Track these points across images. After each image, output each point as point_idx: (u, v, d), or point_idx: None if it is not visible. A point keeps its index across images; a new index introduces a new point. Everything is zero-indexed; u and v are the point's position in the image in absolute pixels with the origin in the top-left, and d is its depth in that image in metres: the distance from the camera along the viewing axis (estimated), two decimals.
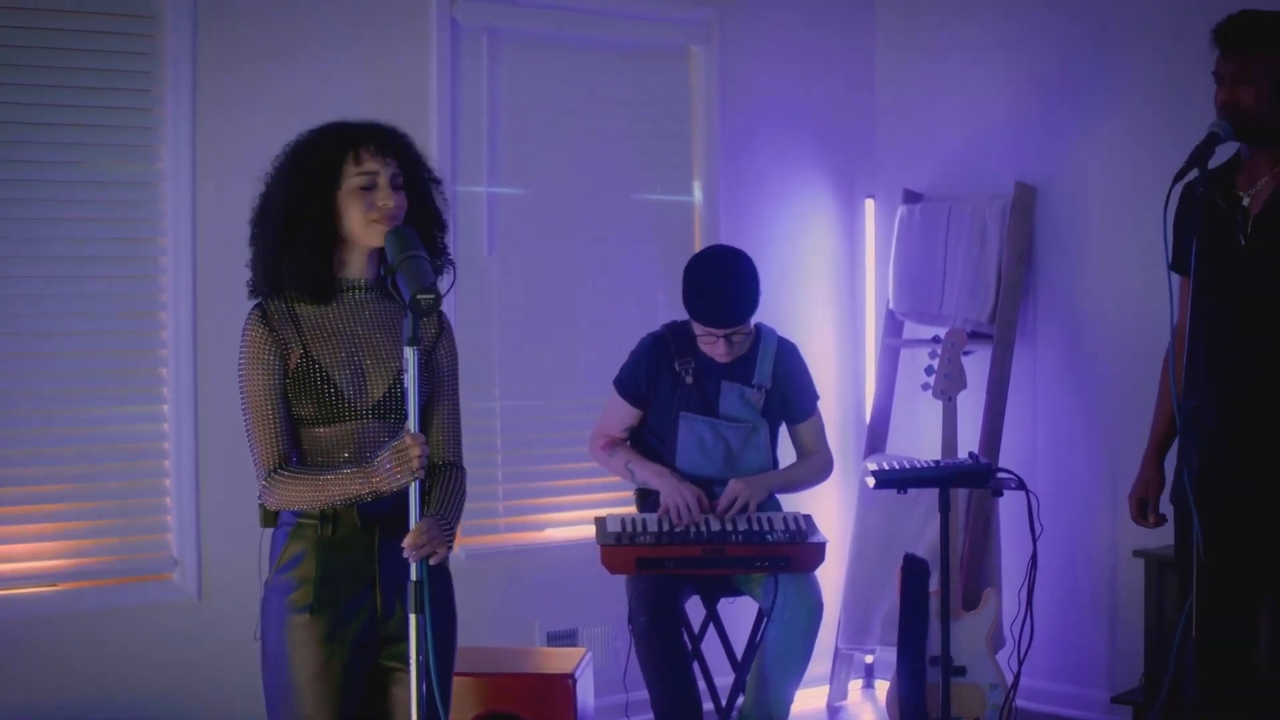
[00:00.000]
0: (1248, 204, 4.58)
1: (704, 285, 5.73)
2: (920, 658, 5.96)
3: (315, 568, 3.87)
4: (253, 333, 3.90)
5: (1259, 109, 4.50)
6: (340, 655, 3.85)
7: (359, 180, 3.86)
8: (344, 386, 3.88)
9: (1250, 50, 4.49)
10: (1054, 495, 6.41)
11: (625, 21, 6.95)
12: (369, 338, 3.94)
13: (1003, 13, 7.19)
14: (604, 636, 6.77)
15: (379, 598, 3.91)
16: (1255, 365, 4.53)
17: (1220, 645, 4.54)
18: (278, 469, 3.85)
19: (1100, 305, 6.77)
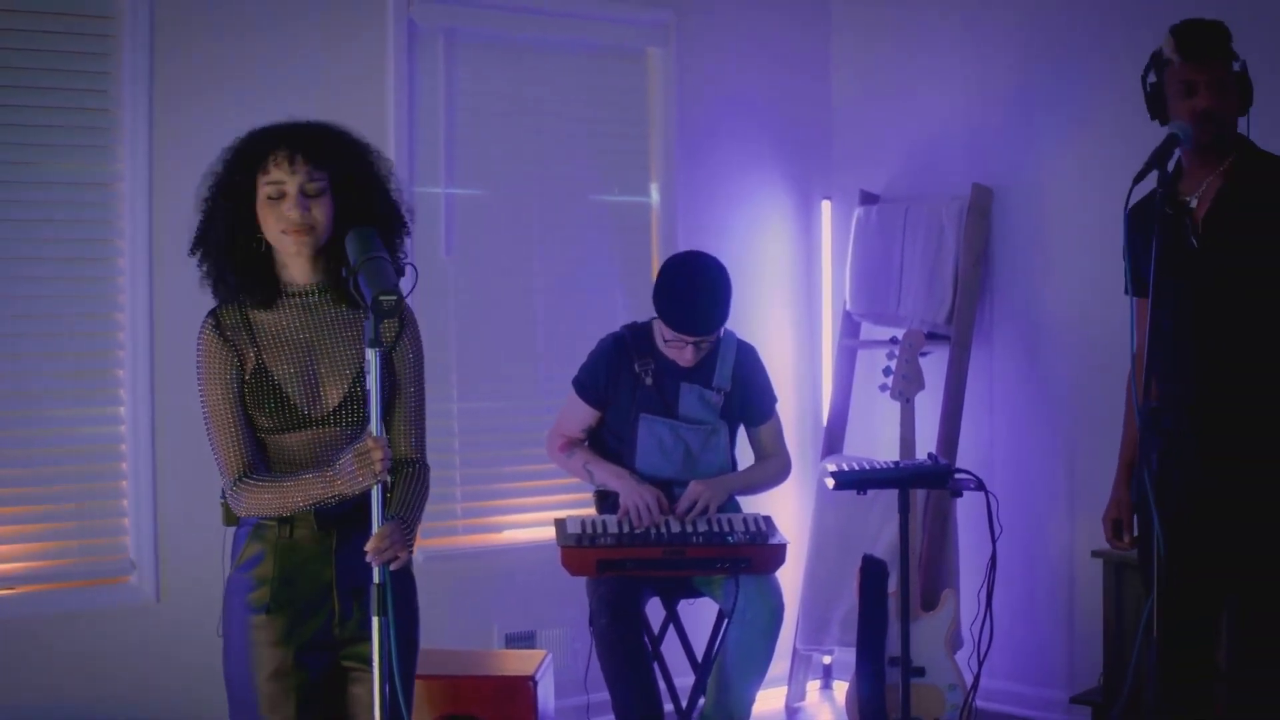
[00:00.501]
0: (1194, 205, 4.60)
1: (680, 294, 5.72)
2: (880, 658, 5.96)
3: (273, 568, 3.86)
4: (206, 343, 3.88)
5: (1232, 116, 4.57)
6: (298, 655, 3.83)
7: (268, 190, 3.82)
8: (296, 398, 3.86)
9: (1221, 57, 4.54)
10: (1011, 496, 6.42)
11: (583, 22, 6.94)
12: (323, 343, 3.92)
13: (959, 16, 7.21)
14: (562, 638, 6.76)
15: (336, 600, 3.89)
16: (1209, 365, 4.54)
17: (1181, 646, 4.55)
18: (243, 478, 3.83)
19: (1057, 306, 6.79)
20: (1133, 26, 6.50)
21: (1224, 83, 4.53)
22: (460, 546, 6.63)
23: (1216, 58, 4.54)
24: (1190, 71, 4.56)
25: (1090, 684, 6.35)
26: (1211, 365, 4.54)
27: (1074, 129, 6.74)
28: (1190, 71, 4.56)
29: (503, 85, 6.78)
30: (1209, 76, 4.53)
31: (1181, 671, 4.59)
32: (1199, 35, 4.58)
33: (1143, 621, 4.29)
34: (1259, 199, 4.51)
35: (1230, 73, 4.55)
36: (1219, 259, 4.52)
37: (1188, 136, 4.48)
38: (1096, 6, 6.67)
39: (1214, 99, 4.53)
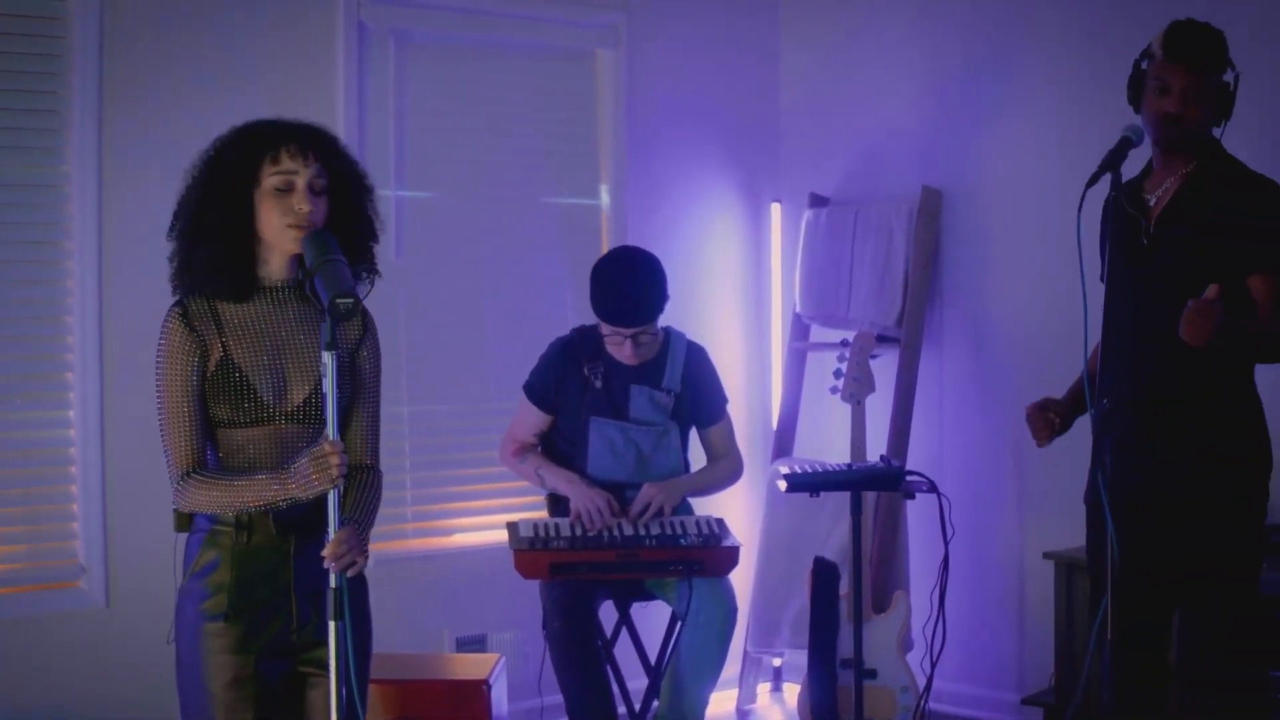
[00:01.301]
0: (1153, 204, 4.62)
1: (611, 285, 5.73)
2: (832, 660, 5.97)
3: (230, 575, 3.83)
4: (172, 331, 3.83)
5: (1200, 125, 4.54)
6: (254, 662, 3.81)
7: (275, 181, 3.79)
8: (263, 390, 3.84)
9: (1206, 68, 4.51)
10: (961, 497, 6.43)
11: (532, 25, 6.93)
12: (292, 340, 3.90)
13: (908, 18, 7.22)
14: (513, 641, 6.74)
15: (294, 605, 3.87)
16: (1154, 366, 4.56)
17: (1135, 648, 4.57)
18: (191, 472, 3.80)
19: (1006, 308, 6.82)
20: (1081, 30, 6.54)
21: (1200, 91, 4.51)
22: (410, 550, 6.61)
23: (1198, 65, 4.50)
24: (1168, 71, 4.55)
25: (1041, 685, 6.36)
26: (1150, 363, 4.56)
27: (1023, 131, 6.76)
28: (1168, 71, 4.55)
29: (452, 87, 6.75)
30: (1184, 82, 4.51)
31: (1135, 673, 4.60)
32: (1187, 38, 4.56)
33: (1096, 623, 4.30)
34: (1209, 201, 4.53)
35: (1210, 82, 4.52)
36: (1165, 257, 4.54)
37: (1140, 137, 4.48)
38: (1045, 10, 6.69)
39: (1181, 105, 4.51)
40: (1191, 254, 4.50)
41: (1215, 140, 4.63)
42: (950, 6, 7.06)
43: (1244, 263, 4.49)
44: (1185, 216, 4.54)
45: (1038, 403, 4.91)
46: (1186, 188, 4.57)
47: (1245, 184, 4.56)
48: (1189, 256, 4.50)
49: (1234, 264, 4.49)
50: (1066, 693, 6.02)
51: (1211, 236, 4.49)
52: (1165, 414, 4.55)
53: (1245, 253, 4.49)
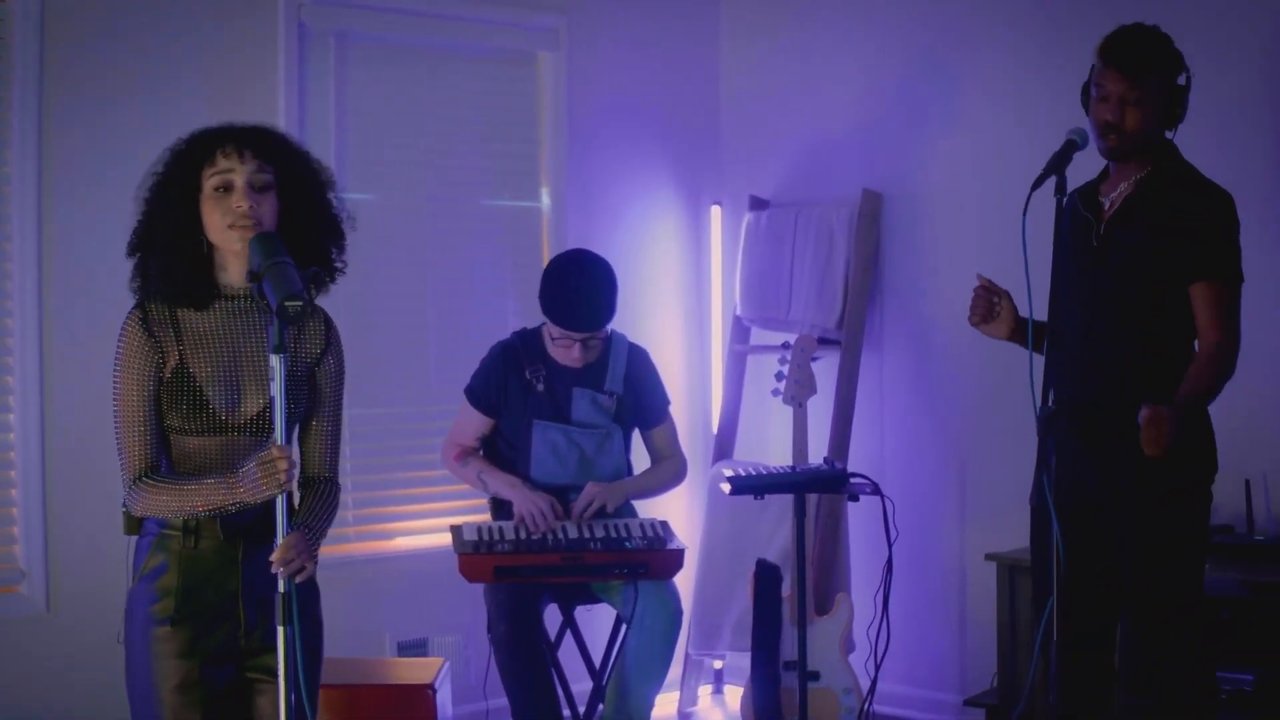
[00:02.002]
0: (1106, 207, 4.64)
1: (565, 289, 5.72)
2: (775, 663, 5.98)
3: (177, 579, 3.80)
4: (130, 336, 3.80)
5: (1140, 132, 4.53)
6: (202, 667, 3.79)
7: (214, 182, 3.77)
8: (216, 401, 3.81)
9: (1142, 73, 4.51)
10: (902, 498, 6.43)
11: (474, 26, 6.91)
12: (250, 351, 3.87)
13: (848, 22, 7.24)
14: (455, 645, 6.72)
15: (242, 610, 3.85)
16: (1102, 368, 4.59)
17: (1079, 650, 4.59)
18: (143, 476, 3.78)
19: (945, 310, 6.83)
20: (1022, 34, 6.57)
21: (1139, 96, 4.51)
22: (351, 554, 6.57)
23: (1133, 69, 4.51)
24: (1105, 78, 4.56)
25: (983, 686, 6.39)
26: (1098, 365, 4.58)
27: (963, 134, 6.79)
28: (1105, 78, 4.56)
29: (394, 89, 6.72)
30: (1121, 87, 4.51)
31: (1080, 675, 4.62)
32: (1121, 43, 4.56)
33: (1041, 625, 4.32)
34: (1159, 205, 4.54)
35: (1151, 86, 4.52)
36: (1114, 260, 4.56)
37: (1085, 140, 4.50)
38: (985, 14, 6.72)
39: (1116, 112, 4.53)
40: (1139, 258, 4.52)
41: (1170, 144, 4.64)
42: (891, 10, 7.08)
43: (1188, 269, 4.52)
44: (1135, 221, 4.56)
45: (991, 284, 4.86)
46: (1138, 192, 4.58)
47: (1195, 190, 4.58)
48: (1136, 260, 4.52)
49: (1179, 270, 4.52)
50: (1009, 694, 6.05)
51: (1159, 241, 4.51)
52: (1112, 416, 4.57)
53: (1190, 259, 4.51)
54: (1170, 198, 4.55)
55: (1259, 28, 5.92)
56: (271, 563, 3.60)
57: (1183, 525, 4.57)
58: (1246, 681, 5.35)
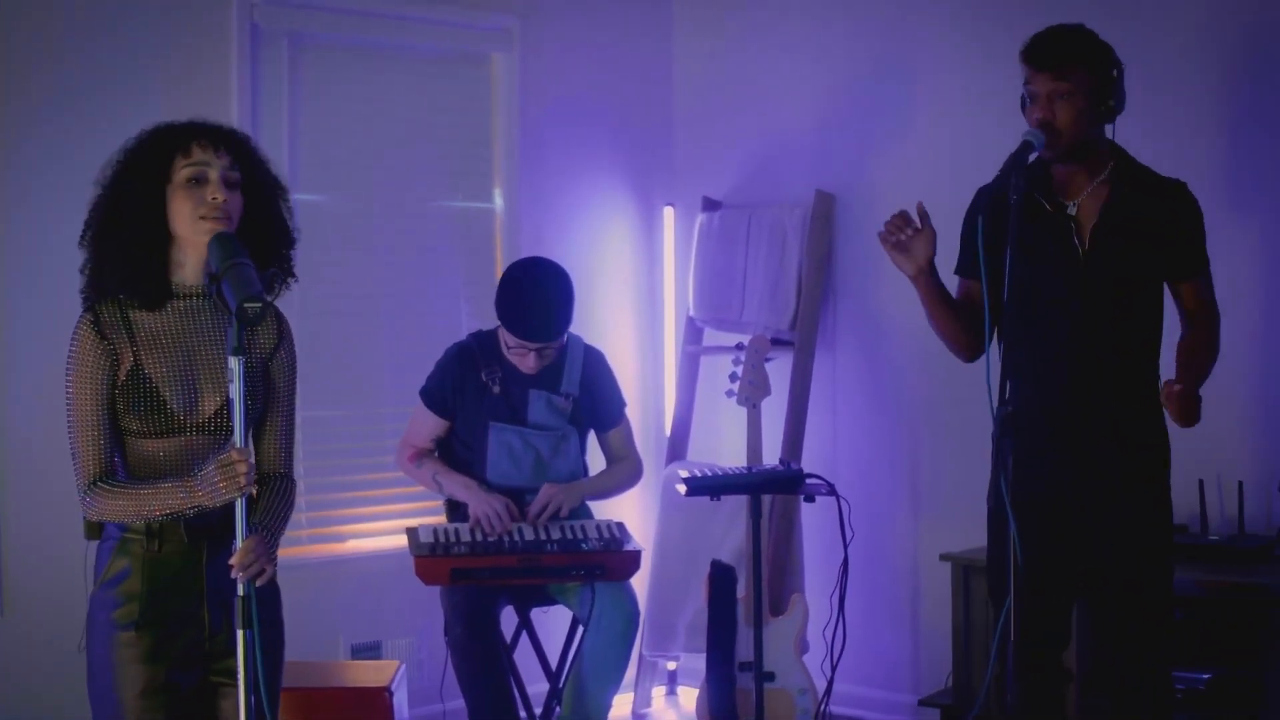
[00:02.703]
0: (1075, 213, 4.64)
1: (522, 300, 5.71)
2: (730, 664, 5.98)
3: (141, 583, 3.77)
4: (82, 339, 3.77)
5: (1075, 128, 4.53)
6: (166, 671, 3.76)
7: (188, 172, 3.74)
8: (173, 402, 3.78)
9: (1066, 68, 4.53)
10: (856, 499, 6.43)
11: (427, 27, 6.89)
12: (205, 350, 3.84)
13: (801, 23, 7.25)
14: (409, 648, 6.70)
15: (207, 614, 3.83)
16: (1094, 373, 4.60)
17: (1035, 650, 4.60)
18: (99, 481, 3.75)
19: (898, 311, 6.83)
20: (976, 34, 6.59)
21: (1066, 93, 4.52)
22: (305, 556, 6.54)
23: (1054, 65, 4.53)
24: (1032, 80, 4.58)
25: (937, 686, 6.40)
26: (1087, 372, 4.59)
27: (916, 135, 6.81)
28: (1032, 80, 4.58)
29: (347, 90, 6.70)
30: (1048, 87, 4.54)
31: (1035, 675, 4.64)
32: (1043, 43, 4.59)
33: (999, 626, 4.32)
34: (1145, 213, 4.58)
35: (1077, 80, 4.53)
36: (1107, 270, 4.56)
37: (1040, 142, 4.51)
38: (938, 15, 6.74)
39: (1046, 111, 4.54)
40: (1133, 268, 4.57)
41: (1118, 146, 4.67)
42: (844, 11, 7.09)
43: (1181, 271, 4.62)
44: (1121, 230, 4.57)
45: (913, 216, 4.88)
46: (1120, 203, 4.59)
47: (1166, 192, 4.64)
48: (1131, 270, 4.57)
49: (1172, 272, 4.61)
50: (963, 693, 6.06)
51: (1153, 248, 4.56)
52: (1077, 418, 4.59)
53: (1182, 261, 4.59)
54: (1150, 200, 4.60)
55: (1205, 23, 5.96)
56: (231, 566, 3.59)
57: (1163, 526, 4.64)
58: (1200, 681, 5.37)
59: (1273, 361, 5.76)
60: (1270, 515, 5.70)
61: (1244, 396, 5.84)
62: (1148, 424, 4.63)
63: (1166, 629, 4.63)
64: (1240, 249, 5.69)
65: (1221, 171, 5.86)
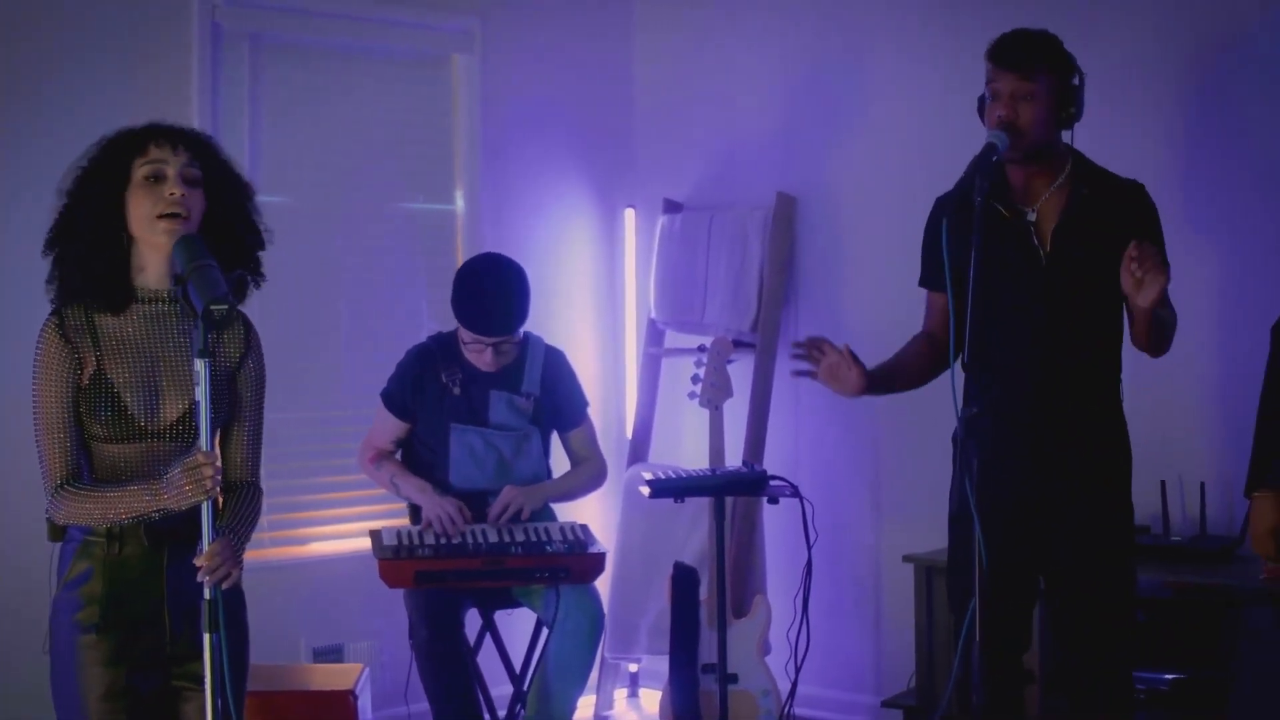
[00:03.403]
0: (1034, 219, 4.65)
1: (476, 293, 5.71)
2: (693, 666, 5.97)
3: (102, 586, 3.77)
4: (47, 343, 3.76)
5: (1037, 128, 4.56)
6: (128, 674, 3.76)
7: (145, 170, 3.75)
8: (134, 408, 3.78)
9: (1032, 69, 4.55)
10: (818, 501, 6.43)
11: (388, 28, 6.88)
12: (169, 356, 3.84)
13: (761, 25, 7.26)
14: (370, 651, 6.68)
15: (168, 617, 3.82)
16: (1057, 377, 4.60)
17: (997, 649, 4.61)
18: (65, 484, 3.74)
19: (860, 313, 6.87)
20: (934, 37, 6.61)
21: (1030, 95, 4.55)
22: (266, 559, 6.49)
23: (1021, 66, 4.55)
24: (996, 79, 4.61)
25: (900, 687, 6.41)
26: (1050, 375, 4.60)
27: (877, 137, 6.82)
28: (996, 79, 4.61)
29: (308, 91, 6.68)
30: (1012, 85, 4.56)
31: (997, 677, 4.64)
32: (1011, 44, 4.62)
33: (964, 628, 4.33)
34: (1104, 215, 4.58)
35: (1042, 83, 4.56)
36: (1069, 274, 4.57)
37: (1004, 144, 4.52)
38: (899, 17, 6.75)
39: (1010, 110, 4.56)
40: (1093, 274, 4.56)
41: (1074, 149, 4.70)
42: (804, 13, 7.10)
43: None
44: (1083, 234, 4.58)
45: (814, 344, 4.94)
46: (1079, 206, 4.60)
47: (1124, 193, 4.65)
48: (1094, 274, 4.56)
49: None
50: (926, 695, 6.07)
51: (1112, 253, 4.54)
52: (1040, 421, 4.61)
53: None
54: (1109, 202, 4.61)
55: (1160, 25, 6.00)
56: (198, 569, 3.57)
57: (1124, 528, 4.66)
58: (1164, 681, 5.39)
59: (1232, 363, 5.78)
60: (1232, 516, 5.72)
61: (1204, 398, 5.87)
62: (1109, 427, 4.66)
63: (1127, 630, 4.65)
64: (1197, 252, 5.71)
65: (1177, 178, 5.88)
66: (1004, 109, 4.56)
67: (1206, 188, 5.87)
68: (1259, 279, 5.67)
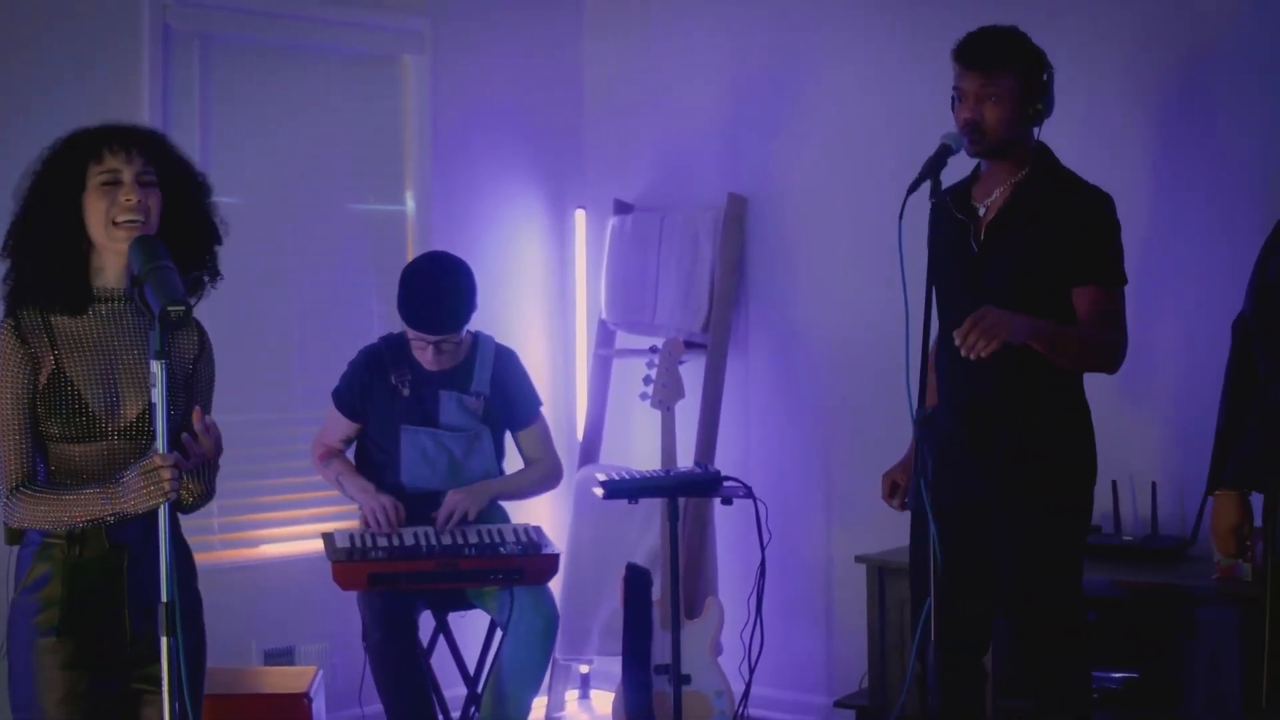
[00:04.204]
0: (983, 214, 4.68)
1: (418, 291, 5.73)
2: (646, 667, 5.98)
3: (62, 589, 3.75)
4: (3, 344, 3.75)
5: (1002, 127, 4.58)
6: (88, 678, 3.73)
7: (101, 178, 3.74)
8: (95, 406, 3.76)
9: (995, 68, 4.57)
10: (770, 502, 6.45)
11: (338, 29, 6.86)
12: (126, 354, 3.83)
13: (711, 25, 7.27)
14: (321, 653, 6.65)
15: (128, 620, 3.80)
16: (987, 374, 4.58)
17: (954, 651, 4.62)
18: (20, 486, 3.72)
19: (811, 313, 6.88)
20: (886, 37, 6.62)
21: (995, 91, 4.57)
22: (217, 562, 6.46)
23: (984, 65, 4.58)
24: (962, 79, 4.63)
25: (853, 687, 6.42)
26: (983, 372, 4.58)
27: (828, 138, 6.83)
28: (962, 79, 4.63)
29: (258, 91, 6.65)
30: (976, 85, 4.59)
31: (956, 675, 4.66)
32: (975, 43, 4.64)
33: (919, 627, 4.34)
34: (1040, 211, 4.59)
35: (1005, 82, 4.58)
36: (997, 267, 4.59)
37: (959, 144, 4.54)
38: (849, 18, 6.77)
39: (974, 110, 4.58)
40: (1022, 263, 4.56)
41: (1045, 147, 4.71)
42: (755, 13, 7.11)
43: (1073, 273, 4.58)
44: (1015, 225, 4.60)
45: (889, 484, 5.03)
46: (1017, 197, 4.63)
47: (1077, 193, 4.65)
48: (1019, 265, 4.56)
49: (1064, 274, 4.58)
50: (879, 695, 6.08)
51: (1043, 246, 4.56)
52: (996, 422, 4.61)
53: (1075, 263, 4.57)
54: (1051, 201, 4.61)
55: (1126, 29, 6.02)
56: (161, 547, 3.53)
57: (1066, 529, 4.66)
58: (1118, 681, 5.42)
59: (1184, 364, 5.81)
60: (1184, 515, 5.76)
61: (1157, 398, 5.89)
62: (1059, 429, 4.65)
63: (1078, 632, 4.66)
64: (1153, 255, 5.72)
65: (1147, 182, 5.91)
66: (969, 110, 4.60)
67: (1173, 192, 5.89)
68: (1213, 280, 5.69)
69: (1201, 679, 5.30)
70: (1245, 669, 5.07)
